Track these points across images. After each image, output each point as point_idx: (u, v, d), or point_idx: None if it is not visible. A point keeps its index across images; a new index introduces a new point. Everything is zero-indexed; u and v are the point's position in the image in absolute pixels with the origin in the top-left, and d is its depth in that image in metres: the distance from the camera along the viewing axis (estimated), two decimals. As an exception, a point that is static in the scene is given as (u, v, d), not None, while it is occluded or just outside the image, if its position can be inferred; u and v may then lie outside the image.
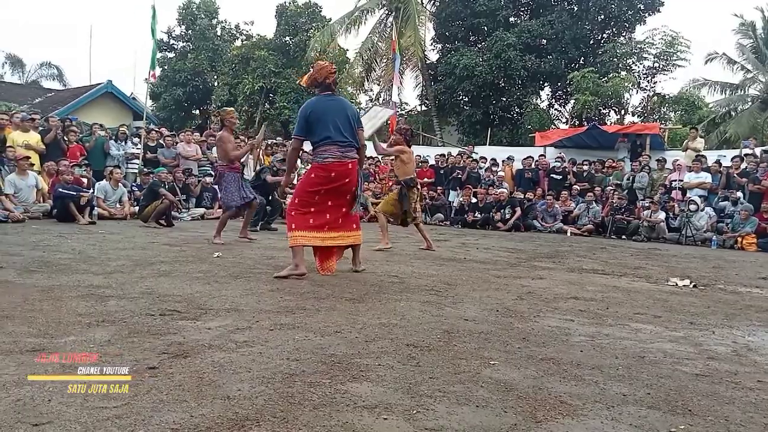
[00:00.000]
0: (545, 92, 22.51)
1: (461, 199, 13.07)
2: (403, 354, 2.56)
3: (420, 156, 15.48)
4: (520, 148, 16.58)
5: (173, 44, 24.56)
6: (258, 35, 24.01)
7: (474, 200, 12.94)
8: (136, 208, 9.68)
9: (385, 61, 21.95)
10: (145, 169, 11.16)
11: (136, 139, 12.20)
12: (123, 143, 11.88)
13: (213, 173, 8.71)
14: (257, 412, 1.84)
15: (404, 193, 7.01)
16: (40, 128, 10.61)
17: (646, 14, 20.03)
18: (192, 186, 11.25)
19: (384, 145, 7.37)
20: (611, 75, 18.08)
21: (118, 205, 10.00)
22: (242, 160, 12.66)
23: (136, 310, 3.14)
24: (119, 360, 2.29)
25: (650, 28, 19.66)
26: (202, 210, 11.06)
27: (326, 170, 4.51)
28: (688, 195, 11.50)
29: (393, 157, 7.31)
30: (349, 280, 4.52)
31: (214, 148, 12.85)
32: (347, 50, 22.77)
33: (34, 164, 9.77)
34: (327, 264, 4.79)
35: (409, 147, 7.18)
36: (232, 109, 8.14)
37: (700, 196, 11.31)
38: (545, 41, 20.09)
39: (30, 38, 52.20)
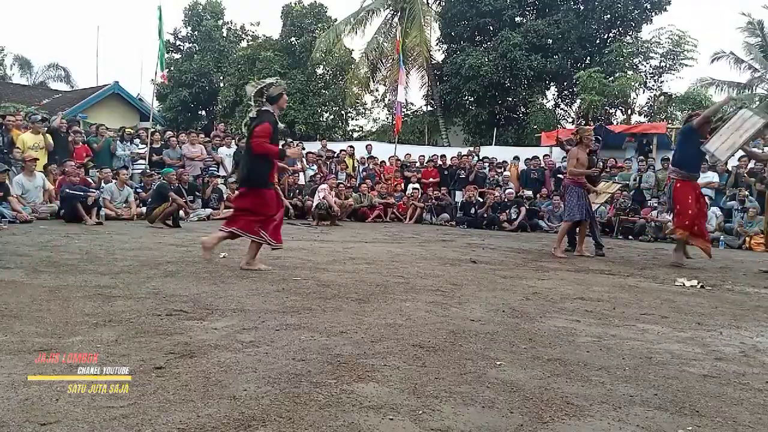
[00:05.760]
0: (551, 92, 22.46)
1: (463, 198, 13.09)
2: (408, 354, 2.56)
3: (424, 156, 15.50)
4: (526, 148, 16.54)
5: (179, 45, 24.63)
6: (264, 36, 24.07)
7: (480, 199, 12.92)
8: (143, 209, 9.72)
9: (390, 61, 21.93)
10: (148, 171, 11.19)
11: (137, 140, 12.25)
12: (129, 144, 11.93)
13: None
14: (263, 412, 1.84)
15: None
16: (46, 129, 10.68)
17: (653, 13, 19.92)
18: (206, 188, 11.31)
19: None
20: (618, 74, 18.00)
21: (124, 206, 10.06)
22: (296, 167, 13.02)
23: (142, 310, 3.15)
24: (126, 360, 2.29)
25: (657, 28, 19.63)
26: (208, 211, 11.08)
27: None
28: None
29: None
30: (354, 280, 4.52)
31: (220, 149, 12.93)
32: (353, 50, 22.80)
33: (38, 161, 9.81)
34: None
35: None
36: (590, 128, 8.17)
37: (706, 196, 11.24)
38: (551, 41, 20.00)
39: (37, 40, 52.50)
